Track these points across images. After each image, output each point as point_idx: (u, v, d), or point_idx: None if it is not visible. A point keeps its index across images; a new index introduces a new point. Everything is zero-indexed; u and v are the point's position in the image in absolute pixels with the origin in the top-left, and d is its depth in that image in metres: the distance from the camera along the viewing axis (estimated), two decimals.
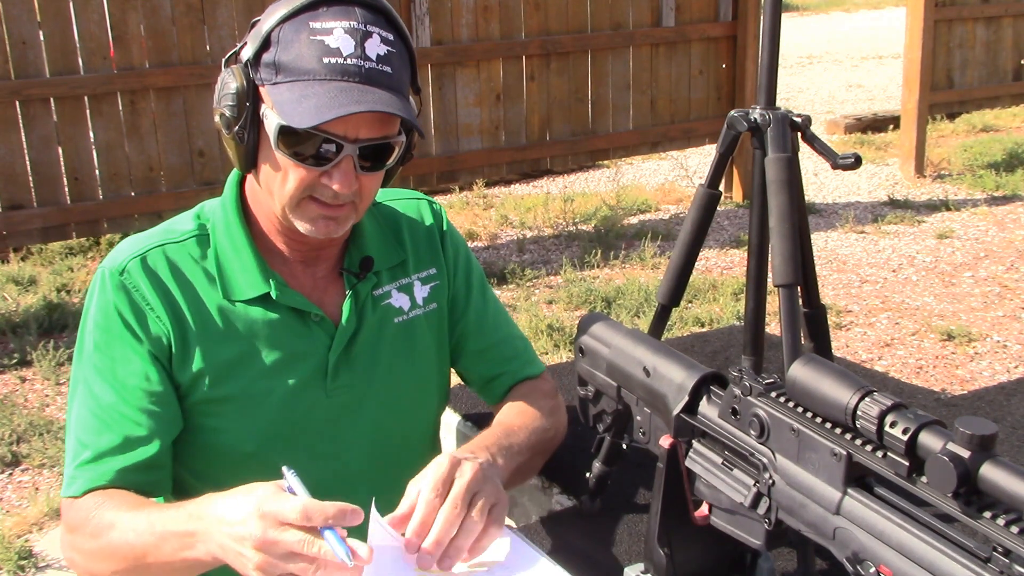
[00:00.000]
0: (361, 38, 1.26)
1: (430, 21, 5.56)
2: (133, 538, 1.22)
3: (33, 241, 5.02)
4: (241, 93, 1.29)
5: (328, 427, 1.44)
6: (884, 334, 4.52)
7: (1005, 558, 0.81)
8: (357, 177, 1.30)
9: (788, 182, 1.62)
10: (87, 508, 1.29)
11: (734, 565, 1.25)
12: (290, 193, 1.30)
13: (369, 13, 1.28)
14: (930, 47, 6.96)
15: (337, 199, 1.30)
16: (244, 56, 1.30)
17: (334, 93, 1.23)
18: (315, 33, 1.25)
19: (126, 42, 4.81)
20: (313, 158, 1.28)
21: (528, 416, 1.49)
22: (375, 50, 1.27)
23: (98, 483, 1.31)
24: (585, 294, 4.91)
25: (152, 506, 1.27)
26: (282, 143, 1.27)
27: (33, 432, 3.62)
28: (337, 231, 1.35)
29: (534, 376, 1.61)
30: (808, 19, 20.36)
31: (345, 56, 1.25)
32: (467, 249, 1.61)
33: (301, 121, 1.23)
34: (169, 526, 1.19)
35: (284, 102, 1.26)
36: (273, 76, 1.27)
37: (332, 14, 1.26)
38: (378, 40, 1.27)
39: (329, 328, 1.42)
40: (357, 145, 1.28)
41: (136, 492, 1.32)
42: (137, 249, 1.38)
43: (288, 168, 1.29)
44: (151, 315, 1.35)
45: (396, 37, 1.31)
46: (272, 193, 1.34)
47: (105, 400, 1.34)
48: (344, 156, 1.27)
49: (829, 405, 0.97)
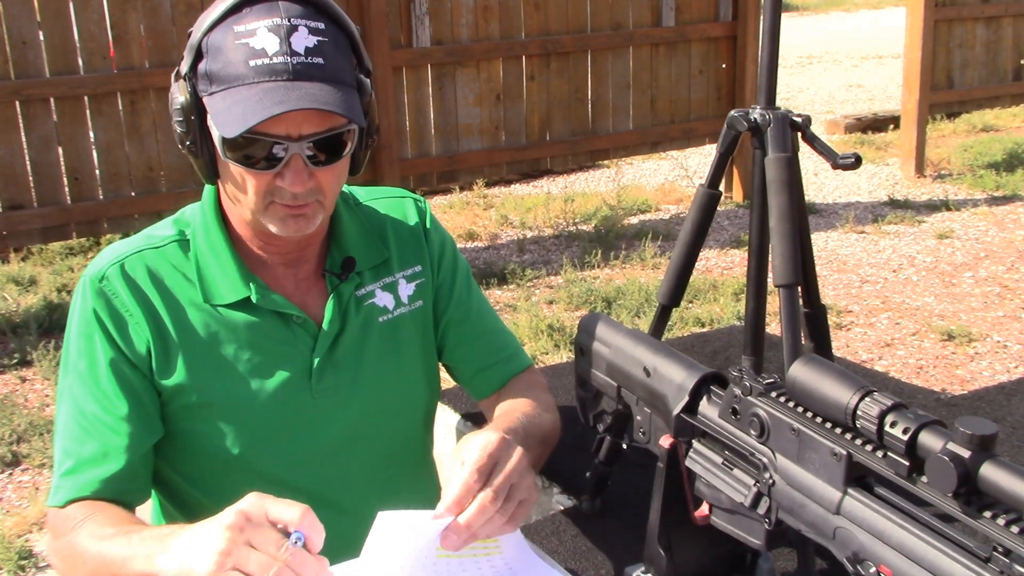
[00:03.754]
0: (286, 33, 1.23)
1: (430, 21, 5.56)
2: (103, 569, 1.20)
3: (33, 241, 5.01)
4: (187, 107, 1.28)
5: (315, 429, 1.42)
6: (884, 334, 4.52)
7: (1005, 558, 0.81)
8: (312, 174, 1.28)
9: (788, 182, 1.62)
10: (71, 519, 1.29)
11: (734, 565, 1.25)
12: (252, 200, 1.29)
13: (294, 5, 1.25)
14: (930, 47, 6.96)
15: (296, 199, 1.28)
16: (183, 69, 1.30)
17: (261, 95, 1.21)
18: (239, 36, 1.24)
19: (126, 42, 4.81)
20: (263, 160, 1.26)
21: (538, 408, 1.47)
22: (303, 43, 1.24)
23: (81, 494, 1.31)
24: (585, 294, 4.91)
25: (123, 536, 1.22)
26: (228, 152, 1.26)
27: (33, 432, 3.62)
28: (308, 227, 1.33)
29: (524, 370, 1.59)
30: (808, 19, 20.36)
31: (271, 55, 1.22)
32: (453, 244, 1.59)
33: (231, 129, 1.22)
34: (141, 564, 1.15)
35: (218, 112, 1.25)
36: (208, 87, 1.26)
37: (255, 14, 1.24)
38: (305, 32, 1.25)
39: (312, 330, 1.41)
40: (303, 143, 1.25)
41: (119, 502, 1.32)
42: (116, 256, 1.37)
43: (243, 175, 1.28)
44: (131, 322, 1.34)
45: (329, 24, 1.28)
46: (237, 200, 1.33)
47: (87, 408, 1.34)
48: (291, 156, 1.25)
49: (829, 405, 0.97)
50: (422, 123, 5.70)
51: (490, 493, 1.14)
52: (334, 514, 1.38)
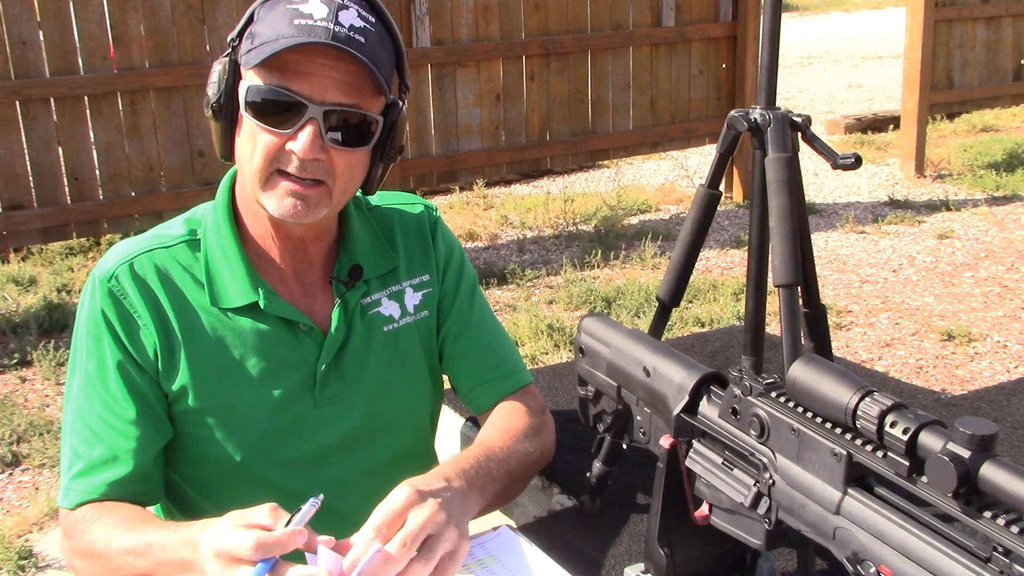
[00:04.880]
0: (336, 8, 1.24)
1: (430, 21, 5.57)
2: (132, 560, 1.23)
3: (33, 241, 5.02)
4: (222, 72, 1.29)
5: (317, 437, 1.41)
6: (884, 334, 4.52)
7: (1005, 558, 0.81)
8: (325, 148, 1.26)
9: (788, 182, 1.62)
10: (83, 521, 1.30)
11: (734, 565, 1.25)
12: (258, 165, 1.27)
13: None
14: (930, 47, 6.96)
15: (304, 170, 1.26)
16: (232, 35, 1.31)
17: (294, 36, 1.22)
18: (291, 2, 1.25)
19: (126, 42, 4.80)
20: (280, 117, 1.24)
21: (511, 437, 1.42)
22: (350, 20, 1.24)
23: (91, 497, 1.32)
24: (585, 294, 4.91)
25: (148, 525, 1.26)
26: (248, 107, 1.26)
27: (33, 432, 3.62)
28: (307, 214, 1.29)
29: (519, 389, 1.54)
30: (808, 19, 20.36)
31: (316, 19, 1.23)
32: (461, 254, 1.57)
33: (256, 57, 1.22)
34: (168, 553, 1.18)
35: (250, 61, 1.25)
36: (249, 45, 1.26)
37: None
38: (355, 14, 1.25)
39: (318, 338, 1.40)
40: (323, 108, 1.24)
41: (130, 502, 1.33)
42: (126, 255, 1.36)
43: (256, 136, 1.26)
44: (139, 323, 1.34)
45: (377, 21, 1.29)
46: (244, 173, 1.31)
47: (95, 410, 1.34)
48: (309, 118, 1.24)
49: (829, 405, 0.97)
50: (422, 123, 5.70)
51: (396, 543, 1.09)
52: (335, 521, 1.38)
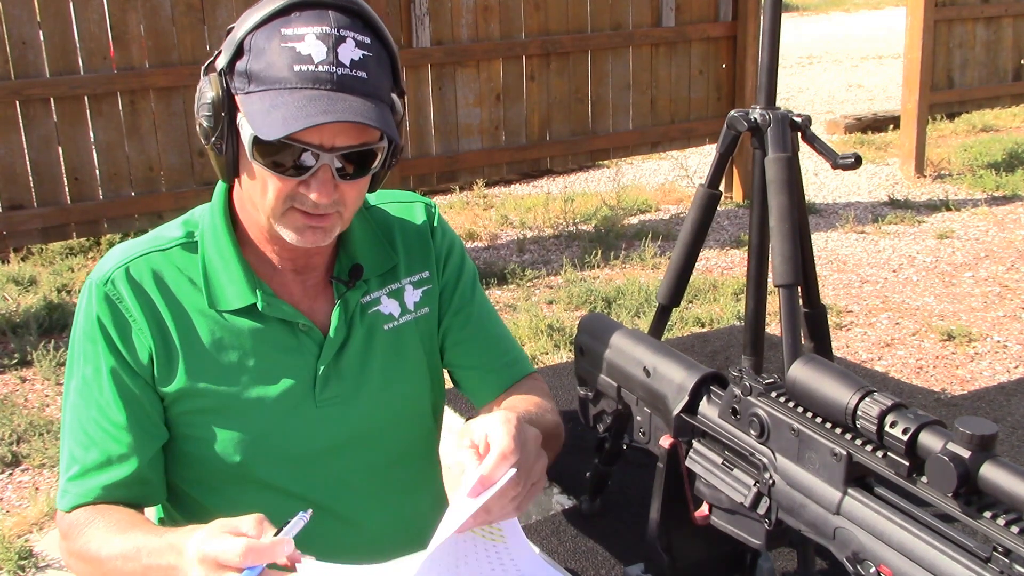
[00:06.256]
0: (334, 43, 1.22)
1: (430, 21, 5.56)
2: (122, 564, 1.24)
3: (33, 241, 5.01)
4: (217, 103, 1.27)
5: (317, 438, 1.41)
6: (884, 334, 4.52)
7: (1005, 558, 0.81)
8: (337, 186, 1.27)
9: (788, 182, 1.62)
10: (78, 523, 1.32)
11: (734, 565, 1.25)
12: (271, 204, 1.28)
13: (344, 16, 1.24)
14: (930, 47, 6.96)
15: (318, 208, 1.28)
16: (219, 64, 1.28)
17: (303, 103, 1.20)
18: (286, 40, 1.22)
19: (126, 42, 4.80)
20: (291, 168, 1.25)
21: (535, 405, 1.44)
22: (349, 55, 1.23)
23: (85, 500, 1.33)
24: (585, 294, 4.91)
25: (138, 530, 1.26)
26: (257, 153, 1.25)
27: (33, 432, 3.62)
28: (324, 240, 1.32)
29: (524, 377, 1.57)
30: (808, 19, 20.36)
31: (317, 63, 1.21)
32: (461, 248, 1.58)
33: (269, 132, 1.21)
34: (154, 557, 1.19)
35: (255, 112, 1.23)
36: (246, 85, 1.25)
37: (304, 19, 1.22)
38: (352, 45, 1.24)
39: (318, 338, 1.40)
40: (334, 154, 1.25)
41: (127, 505, 1.34)
42: (122, 259, 1.37)
43: (266, 178, 1.27)
44: (135, 328, 1.34)
45: (373, 39, 1.27)
46: (255, 203, 1.32)
47: (90, 414, 1.35)
48: (321, 165, 1.25)
49: (829, 405, 0.97)
50: (422, 123, 5.70)
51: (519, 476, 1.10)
52: (335, 522, 1.38)
